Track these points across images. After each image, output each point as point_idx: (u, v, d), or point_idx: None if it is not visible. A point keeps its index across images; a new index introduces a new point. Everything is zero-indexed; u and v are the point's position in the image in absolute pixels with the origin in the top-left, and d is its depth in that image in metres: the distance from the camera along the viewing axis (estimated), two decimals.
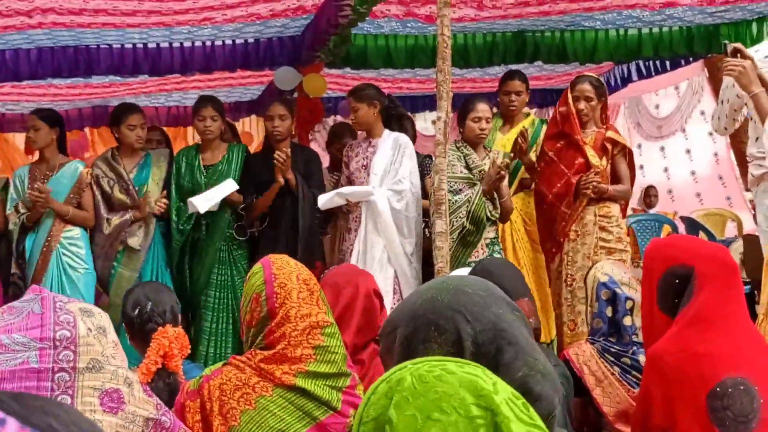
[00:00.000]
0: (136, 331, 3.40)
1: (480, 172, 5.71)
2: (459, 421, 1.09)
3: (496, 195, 5.66)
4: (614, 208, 5.76)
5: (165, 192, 6.01)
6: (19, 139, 10.37)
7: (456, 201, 5.57)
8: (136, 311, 3.38)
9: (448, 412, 1.10)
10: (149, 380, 3.06)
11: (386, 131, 5.86)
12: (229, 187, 5.87)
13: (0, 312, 1.73)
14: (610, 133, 5.86)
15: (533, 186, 6.16)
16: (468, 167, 5.72)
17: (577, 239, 5.70)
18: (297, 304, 2.74)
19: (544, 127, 6.51)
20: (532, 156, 6.16)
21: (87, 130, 10.51)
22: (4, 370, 1.63)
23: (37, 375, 1.65)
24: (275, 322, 2.73)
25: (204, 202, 5.80)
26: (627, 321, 3.85)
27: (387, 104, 5.89)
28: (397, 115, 6.04)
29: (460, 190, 5.65)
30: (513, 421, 1.10)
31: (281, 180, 5.76)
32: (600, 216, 5.70)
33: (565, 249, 5.73)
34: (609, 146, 5.82)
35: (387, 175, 5.71)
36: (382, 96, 5.91)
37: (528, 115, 6.66)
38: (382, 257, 5.54)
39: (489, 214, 5.61)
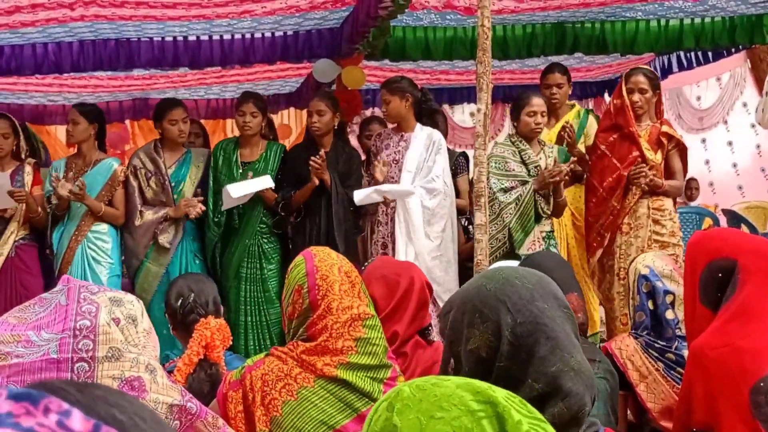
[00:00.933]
0: (178, 322, 3.42)
1: (536, 167, 5.66)
2: (461, 415, 1.11)
3: (550, 191, 5.61)
4: (667, 202, 5.71)
5: (201, 197, 6.02)
6: (61, 131, 10.48)
7: (506, 198, 5.55)
8: (179, 302, 3.40)
9: (449, 409, 1.12)
10: (191, 371, 3.08)
11: (418, 125, 5.83)
12: (265, 182, 5.89)
13: (33, 303, 1.75)
14: (665, 128, 5.79)
15: (584, 179, 6.12)
16: (523, 162, 5.68)
17: (630, 232, 5.66)
18: (339, 296, 2.75)
19: (590, 117, 6.48)
20: (581, 147, 6.13)
21: (127, 122, 10.60)
22: (25, 362, 1.65)
23: (56, 365, 1.66)
24: (317, 314, 2.74)
25: (238, 190, 5.81)
26: (669, 315, 3.81)
27: (420, 98, 5.87)
28: (429, 109, 5.99)
29: (512, 188, 5.62)
30: (514, 410, 1.12)
31: (316, 181, 5.77)
32: (653, 209, 5.65)
33: (618, 242, 5.69)
34: (664, 141, 5.75)
35: (419, 172, 5.69)
36: (415, 89, 5.89)
37: (573, 106, 6.62)
38: (408, 252, 5.53)
39: (541, 211, 5.57)
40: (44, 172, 6.31)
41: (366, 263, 4.56)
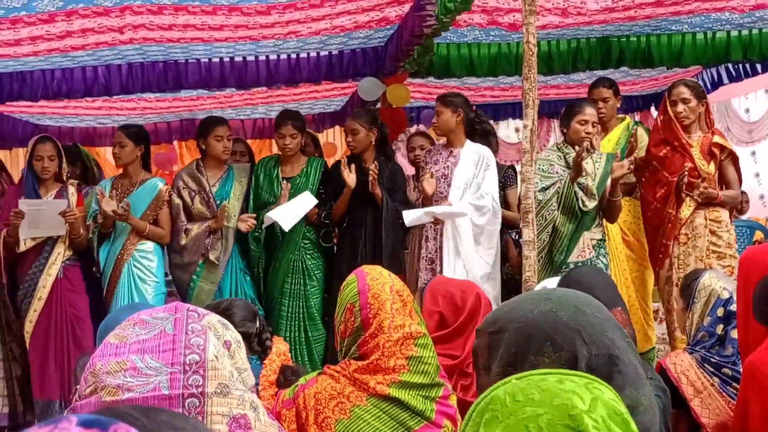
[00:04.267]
0: (252, 344, 3.41)
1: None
2: None
3: (591, 186, 5.52)
4: (724, 213, 5.66)
5: (254, 214, 6.07)
6: (110, 152, 10.63)
7: (546, 195, 5.51)
8: (247, 325, 3.38)
9: None
10: (273, 393, 3.09)
11: (468, 142, 5.84)
12: (309, 202, 5.93)
13: (131, 323, 1.75)
14: (717, 138, 5.75)
15: (636, 193, 6.09)
16: (568, 165, 5.65)
17: (688, 242, 5.61)
18: (390, 315, 2.75)
19: (640, 130, 6.46)
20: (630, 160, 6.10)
21: (175, 143, 10.72)
22: (137, 396, 1.65)
23: (168, 401, 1.66)
24: (369, 333, 2.75)
25: (287, 220, 5.86)
26: (734, 334, 3.74)
27: (472, 117, 5.89)
28: (483, 130, 6.01)
29: (551, 185, 5.59)
30: None
31: (351, 184, 5.81)
32: (710, 220, 5.60)
33: (675, 253, 5.64)
34: (716, 151, 5.70)
35: (468, 188, 5.69)
36: (468, 107, 5.91)
37: (623, 119, 6.60)
38: (456, 269, 5.51)
39: (582, 205, 5.49)
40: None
41: (423, 281, 4.58)
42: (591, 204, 5.50)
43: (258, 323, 3.40)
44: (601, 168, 5.60)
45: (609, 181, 5.56)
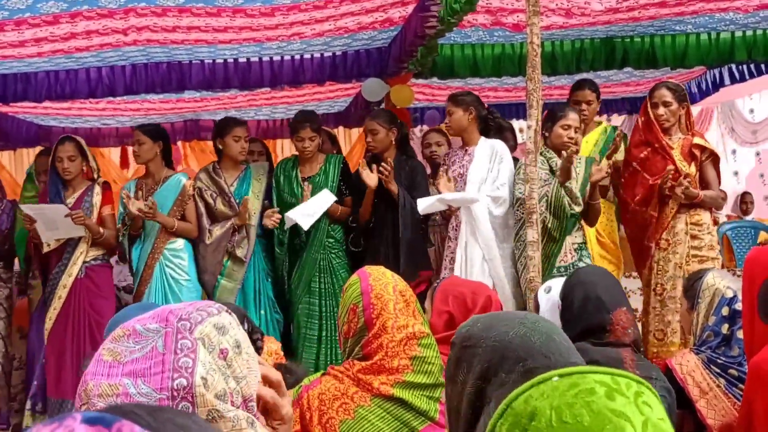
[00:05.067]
0: None
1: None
2: None
3: (575, 191, 5.53)
4: (705, 216, 5.68)
5: (277, 209, 6.09)
6: (114, 153, 10.65)
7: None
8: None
9: None
10: None
11: (482, 138, 5.86)
12: (327, 200, 5.94)
13: (126, 334, 1.72)
14: (697, 140, 5.76)
15: (610, 195, 6.11)
16: (551, 170, 5.66)
17: (668, 248, 5.61)
18: (393, 315, 2.76)
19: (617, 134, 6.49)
20: (605, 164, 6.10)
21: (179, 143, 10.73)
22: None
23: None
24: (372, 333, 2.75)
25: (306, 219, 5.88)
26: (740, 334, 3.74)
27: (484, 115, 5.90)
28: (497, 126, 6.02)
29: (541, 188, 5.59)
30: None
31: (372, 186, 5.81)
32: (691, 224, 5.61)
33: (655, 258, 5.65)
34: (697, 152, 5.72)
35: (484, 183, 5.70)
36: (480, 105, 5.92)
37: (600, 123, 6.62)
38: (482, 265, 5.52)
39: (569, 207, 5.50)
40: None
41: (438, 279, 4.57)
42: (578, 208, 5.52)
43: (246, 325, 3.41)
44: (582, 172, 5.61)
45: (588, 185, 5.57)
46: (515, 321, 1.66)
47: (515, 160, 6.00)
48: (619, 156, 6.29)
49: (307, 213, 5.92)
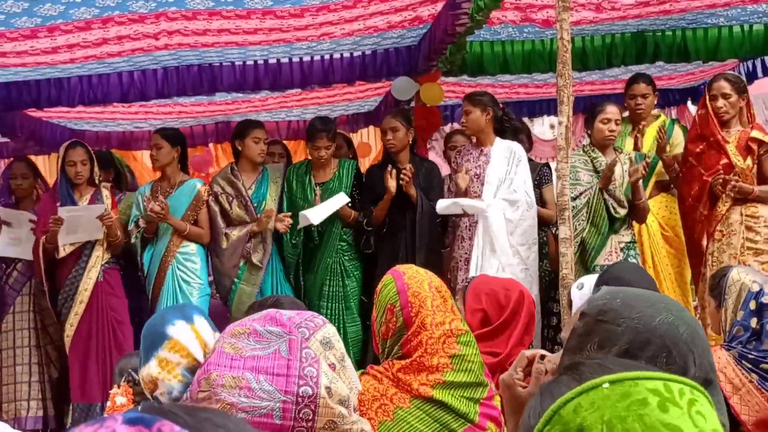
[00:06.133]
0: None
1: None
2: None
3: (619, 194, 5.51)
4: (762, 209, 5.58)
5: (289, 213, 6.11)
6: (146, 156, 10.72)
7: (576, 206, 5.48)
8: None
9: None
10: None
11: (498, 139, 5.84)
12: (341, 200, 5.95)
13: (245, 332, 1.72)
14: (755, 133, 5.68)
15: (672, 189, 6.05)
16: (595, 170, 5.63)
17: (723, 239, 5.55)
18: (432, 311, 2.75)
19: (675, 127, 6.41)
20: (669, 155, 6.07)
21: (211, 145, 10.79)
22: (249, 418, 1.65)
23: (278, 430, 1.67)
24: (412, 331, 2.74)
25: (317, 214, 5.90)
26: None
27: (500, 115, 5.88)
28: (512, 128, 6.00)
29: (581, 193, 5.56)
30: None
31: (392, 191, 5.81)
32: (747, 216, 5.53)
33: (710, 250, 5.59)
34: (754, 146, 5.64)
35: (502, 184, 5.68)
36: (497, 105, 5.91)
37: (658, 117, 6.55)
38: (499, 269, 5.50)
39: (613, 212, 5.48)
40: (131, 196, 6.48)
41: (460, 281, 4.57)
42: (622, 211, 5.50)
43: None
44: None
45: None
46: (660, 306, 1.57)
47: (530, 161, 5.99)
48: (679, 149, 6.22)
49: (319, 211, 5.93)
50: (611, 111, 5.66)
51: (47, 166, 11.11)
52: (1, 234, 6.40)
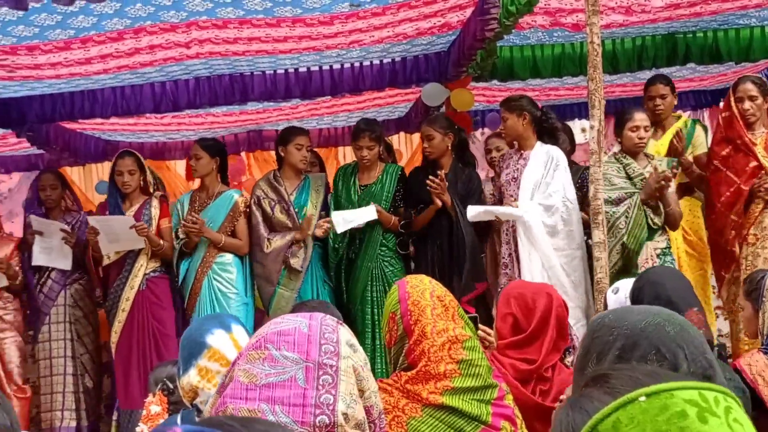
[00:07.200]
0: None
1: (642, 180, 5.56)
2: None
3: (660, 203, 5.50)
4: None
5: (329, 218, 6.13)
6: (180, 166, 10.81)
7: (614, 212, 5.45)
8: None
9: None
10: None
11: (538, 143, 5.79)
12: (369, 214, 5.96)
13: (260, 358, 1.71)
14: None
15: (696, 192, 6.00)
16: (628, 177, 5.60)
17: (757, 243, 5.50)
18: (432, 320, 2.79)
19: (697, 127, 6.36)
20: (689, 157, 6.02)
21: (243, 154, 10.87)
22: None
23: None
24: (413, 340, 2.79)
25: (343, 223, 5.92)
26: None
27: (539, 116, 5.84)
28: (550, 128, 5.95)
29: (620, 200, 5.52)
30: None
31: (438, 203, 5.81)
32: None
33: (743, 254, 5.54)
34: None
35: (537, 189, 5.64)
36: (534, 107, 5.86)
37: (679, 117, 6.51)
38: (542, 273, 5.47)
39: (651, 223, 5.47)
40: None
41: (500, 287, 4.56)
42: (659, 221, 5.48)
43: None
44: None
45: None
46: (649, 312, 1.68)
47: (572, 164, 5.95)
48: (700, 149, 6.18)
49: (347, 219, 5.96)
50: (639, 118, 5.63)
51: (82, 177, 11.25)
52: (34, 243, 6.50)
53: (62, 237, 6.46)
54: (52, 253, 6.46)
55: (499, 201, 5.92)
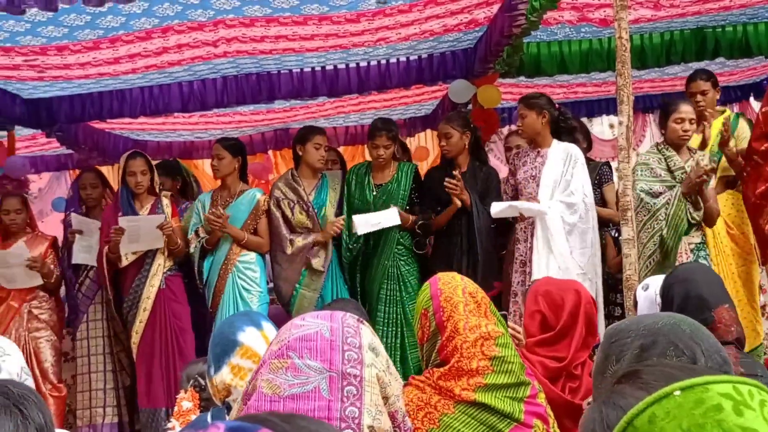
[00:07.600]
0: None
1: (682, 173, 5.52)
2: None
3: (699, 197, 5.45)
4: None
5: (343, 216, 6.15)
6: (207, 165, 10.84)
7: (654, 203, 5.42)
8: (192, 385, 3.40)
9: None
10: None
11: (555, 141, 5.78)
12: (392, 219, 5.95)
13: (284, 367, 1.70)
14: None
15: (739, 186, 5.95)
16: (669, 169, 5.56)
17: None
18: (464, 316, 2.78)
19: (741, 121, 6.30)
20: (733, 149, 5.97)
21: (270, 152, 10.89)
22: None
23: None
24: (445, 336, 2.78)
25: (365, 226, 5.92)
26: None
27: (557, 116, 5.82)
28: (568, 128, 5.93)
29: (660, 193, 5.49)
30: None
31: (458, 203, 5.80)
32: None
33: None
34: None
35: (557, 186, 5.63)
36: (552, 107, 5.85)
37: (723, 111, 6.45)
38: (549, 269, 5.45)
39: (690, 218, 5.42)
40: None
41: (516, 284, 4.54)
42: (699, 216, 5.43)
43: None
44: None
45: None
46: (663, 315, 1.79)
47: (589, 161, 5.92)
48: (744, 143, 6.12)
49: (370, 222, 5.95)
50: (685, 110, 5.57)
51: (111, 176, 11.32)
52: (75, 242, 6.54)
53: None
54: (91, 251, 6.50)
55: (513, 198, 5.89)
